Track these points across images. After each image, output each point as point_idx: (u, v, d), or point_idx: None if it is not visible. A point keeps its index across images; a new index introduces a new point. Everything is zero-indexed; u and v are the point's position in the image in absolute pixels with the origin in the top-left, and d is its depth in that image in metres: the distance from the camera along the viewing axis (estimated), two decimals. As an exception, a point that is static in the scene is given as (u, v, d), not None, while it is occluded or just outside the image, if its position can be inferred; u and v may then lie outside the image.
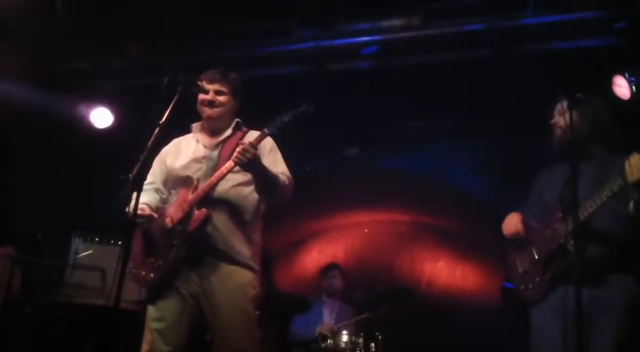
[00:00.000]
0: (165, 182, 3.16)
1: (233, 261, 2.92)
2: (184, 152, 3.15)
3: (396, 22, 4.62)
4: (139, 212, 2.74)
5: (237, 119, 3.18)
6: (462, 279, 7.03)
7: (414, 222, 7.23)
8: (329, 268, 5.83)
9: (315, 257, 7.52)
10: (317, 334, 4.81)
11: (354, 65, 4.85)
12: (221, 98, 3.08)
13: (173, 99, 2.69)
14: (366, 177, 6.27)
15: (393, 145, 5.74)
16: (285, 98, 3.31)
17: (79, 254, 4.82)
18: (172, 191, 3.12)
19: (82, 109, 5.40)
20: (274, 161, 3.07)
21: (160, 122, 2.55)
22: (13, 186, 5.20)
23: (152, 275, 2.91)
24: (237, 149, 2.76)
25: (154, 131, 2.52)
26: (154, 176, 3.15)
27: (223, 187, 2.95)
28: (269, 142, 3.05)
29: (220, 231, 2.92)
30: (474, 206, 5.89)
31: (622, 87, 4.01)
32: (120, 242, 4.82)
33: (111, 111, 5.39)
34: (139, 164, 2.43)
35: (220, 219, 2.92)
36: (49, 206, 5.21)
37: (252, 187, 3.02)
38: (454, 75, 4.59)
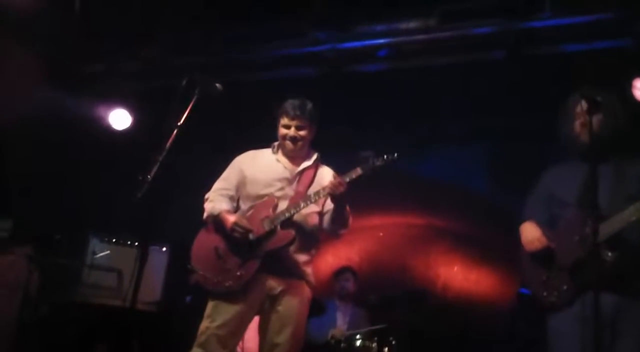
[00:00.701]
0: (237, 190, 3.34)
1: (300, 276, 3.19)
2: (265, 168, 3.32)
3: (412, 24, 4.61)
4: (242, 224, 3.06)
5: (316, 154, 3.38)
6: (476, 283, 6.97)
7: (428, 226, 7.18)
8: (342, 271, 5.82)
9: (329, 260, 7.49)
10: (329, 338, 4.79)
11: (370, 67, 4.85)
12: (302, 133, 3.28)
13: (191, 100, 2.70)
14: (381, 180, 6.25)
15: (408, 148, 5.71)
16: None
17: (96, 254, 4.87)
18: (247, 202, 3.28)
19: (101, 110, 5.46)
20: None
21: (179, 123, 2.57)
22: (31, 186, 5.25)
23: (230, 282, 3.06)
24: (333, 181, 3.00)
25: (172, 132, 2.54)
26: (229, 182, 3.35)
27: (303, 212, 3.17)
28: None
29: (295, 250, 3.16)
30: (489, 210, 5.84)
31: (641, 90, 3.99)
32: (136, 244, 4.86)
33: (130, 113, 5.44)
34: (157, 165, 2.44)
35: (298, 241, 3.14)
36: (67, 207, 5.25)
37: (319, 217, 3.27)
38: (470, 77, 4.57)
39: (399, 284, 6.53)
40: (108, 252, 4.89)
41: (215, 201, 3.29)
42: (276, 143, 3.39)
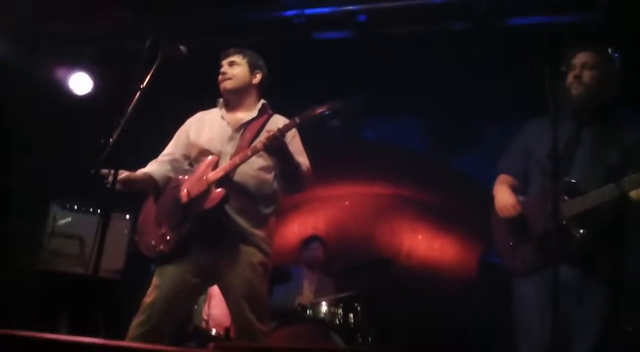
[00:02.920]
0: (186, 155, 3.17)
1: (246, 241, 2.94)
2: (209, 127, 3.14)
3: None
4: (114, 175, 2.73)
5: (264, 101, 3.17)
6: (440, 251, 7.08)
7: (394, 195, 7.24)
8: (311, 240, 5.84)
9: (296, 228, 7.52)
10: (296, 304, 4.82)
11: (339, 34, 4.79)
12: (234, 70, 3.09)
13: (154, 63, 2.62)
14: (348, 149, 6.24)
15: (376, 117, 5.71)
16: (270, 65, 3.28)
17: (57, 221, 4.76)
18: (195, 165, 3.11)
19: (61, 73, 5.29)
20: (296, 149, 3.07)
21: (142, 86, 2.50)
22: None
23: (161, 246, 2.92)
24: (266, 135, 2.76)
25: (135, 95, 2.47)
26: (174, 147, 3.19)
27: (244, 169, 2.95)
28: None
29: (237, 211, 2.92)
30: (456, 179, 5.91)
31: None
32: (99, 211, 4.78)
33: (91, 76, 5.28)
34: (119, 128, 2.38)
35: (238, 201, 2.92)
36: (26, 172, 5.11)
37: (272, 174, 3.06)
38: (438, 47, 4.55)
39: (364, 253, 6.60)
40: (69, 219, 4.79)
41: (148, 166, 3.13)
42: (221, 98, 3.21)
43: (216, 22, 4.68)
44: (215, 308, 4.68)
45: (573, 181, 2.71)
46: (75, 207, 4.84)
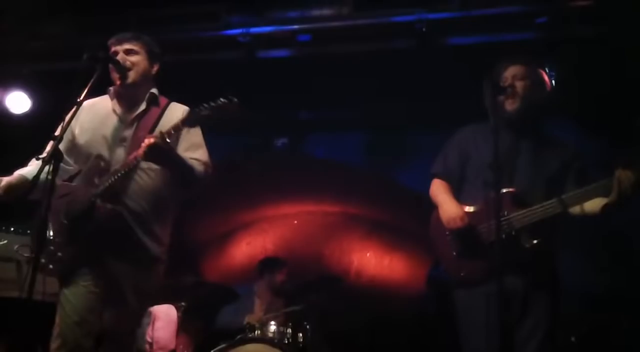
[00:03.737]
0: (71, 153, 2.82)
1: (137, 261, 2.70)
2: (97, 120, 2.81)
3: (326, 11, 4.62)
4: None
5: (152, 90, 2.86)
6: (389, 268, 7.13)
7: (343, 213, 7.27)
8: (278, 264, 5.66)
9: (244, 248, 7.45)
10: (245, 323, 4.76)
11: (283, 53, 4.81)
12: (133, 58, 2.79)
13: (92, 77, 2.55)
14: (296, 167, 6.25)
15: (322, 135, 5.74)
16: (212, 85, 3.25)
17: (-8, 244, 4.58)
18: (84, 167, 2.78)
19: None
20: (193, 143, 2.81)
21: (78, 100, 2.43)
22: None
23: (51, 266, 2.67)
24: (145, 143, 2.47)
25: (71, 110, 2.40)
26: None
27: (133, 176, 2.69)
28: None
29: (126, 226, 2.67)
30: (403, 196, 5.96)
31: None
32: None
33: (29, 96, 5.14)
34: (55, 142, 2.29)
35: (127, 213, 2.67)
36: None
37: (165, 178, 2.77)
38: (384, 64, 4.63)
39: (314, 272, 6.57)
40: (5, 241, 4.61)
41: (28, 165, 2.80)
42: (113, 87, 2.84)
43: (159, 39, 4.62)
44: (160, 331, 4.57)
45: (515, 189, 2.77)
46: (12, 229, 4.66)
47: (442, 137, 3.17)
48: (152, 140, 2.47)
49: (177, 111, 2.78)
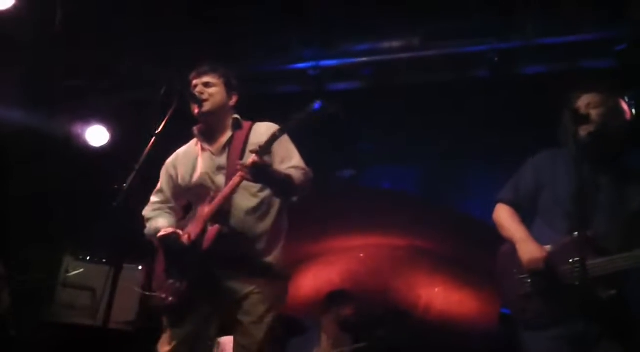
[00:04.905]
0: (176, 198, 2.99)
1: (256, 273, 2.74)
2: (192, 164, 2.93)
3: (395, 43, 4.61)
4: (164, 233, 2.73)
5: (235, 115, 2.95)
6: (459, 304, 6.93)
7: (410, 247, 7.15)
8: (345, 297, 5.51)
9: (310, 280, 7.42)
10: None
11: (353, 85, 4.83)
12: (210, 90, 2.88)
13: (169, 110, 2.62)
14: (362, 199, 6.21)
15: (390, 166, 5.70)
16: (283, 117, 3.27)
17: (69, 272, 4.74)
18: (194, 205, 2.93)
19: (77, 127, 5.37)
20: (288, 155, 2.86)
21: (157, 131, 2.49)
22: (7, 202, 5.13)
23: (170, 298, 2.71)
24: (241, 167, 2.57)
25: (150, 141, 2.47)
26: (163, 193, 2.99)
27: (240, 197, 2.76)
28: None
29: (240, 244, 2.73)
30: (473, 230, 5.80)
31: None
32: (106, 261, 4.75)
33: (107, 129, 5.36)
34: (133, 173, 2.36)
35: (239, 231, 2.73)
36: (42, 223, 5.13)
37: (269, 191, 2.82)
38: (455, 95, 4.57)
39: (381, 306, 6.46)
40: (82, 270, 4.76)
41: (153, 219, 2.93)
42: (196, 126, 2.95)
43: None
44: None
45: (596, 233, 2.61)
46: (89, 258, 4.82)
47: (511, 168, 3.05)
48: (247, 164, 2.54)
49: (262, 129, 2.86)
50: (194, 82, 2.91)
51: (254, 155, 2.56)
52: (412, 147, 5.27)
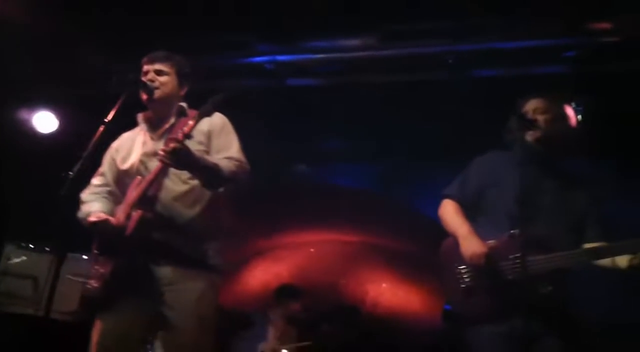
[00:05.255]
0: (117, 182, 2.87)
1: (186, 263, 2.65)
2: (131, 148, 2.86)
3: (353, 41, 4.63)
4: (94, 218, 2.62)
5: (180, 103, 2.87)
6: (405, 300, 7.04)
7: (361, 243, 7.22)
8: (294, 292, 5.53)
9: (259, 275, 7.41)
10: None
11: (311, 82, 4.83)
12: (162, 78, 2.83)
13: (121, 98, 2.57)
14: (316, 195, 6.23)
15: (345, 163, 5.72)
16: (239, 111, 3.24)
17: (11, 260, 4.59)
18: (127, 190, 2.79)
19: (25, 112, 5.22)
20: (226, 145, 2.79)
21: (106, 120, 2.44)
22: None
23: (96, 285, 2.62)
24: (161, 149, 2.50)
25: (98, 131, 2.41)
26: (105, 177, 2.90)
27: (170, 183, 2.69)
28: (219, 122, 2.80)
29: (168, 230, 2.65)
30: (424, 228, 5.88)
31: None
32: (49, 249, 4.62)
33: (56, 115, 5.22)
34: (80, 161, 2.30)
35: (165, 217, 2.65)
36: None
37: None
38: (412, 95, 4.61)
39: (329, 301, 6.50)
40: (24, 258, 4.62)
41: (87, 203, 2.83)
42: (141, 112, 2.90)
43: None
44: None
45: (538, 232, 2.68)
46: (31, 246, 4.68)
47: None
48: (170, 145, 2.47)
49: (206, 118, 2.73)
50: (146, 67, 2.86)
51: (172, 140, 2.49)
52: (368, 145, 5.29)
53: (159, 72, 2.83)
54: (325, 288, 6.94)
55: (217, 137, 2.79)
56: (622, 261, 2.61)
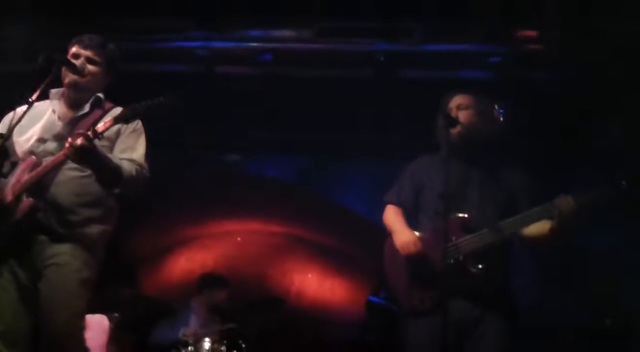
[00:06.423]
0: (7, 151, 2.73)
1: (66, 239, 2.62)
2: (36, 122, 2.76)
3: (287, 33, 4.64)
4: None
5: (98, 94, 2.81)
6: (330, 292, 7.13)
7: (288, 234, 7.25)
8: (219, 281, 5.50)
9: (183, 264, 7.32)
10: (180, 336, 4.66)
11: (243, 70, 4.81)
12: (92, 68, 2.77)
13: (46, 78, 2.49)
14: (244, 185, 6.21)
15: (275, 155, 5.73)
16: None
17: None
18: (18, 165, 2.72)
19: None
20: (131, 146, 2.75)
21: (31, 99, 2.36)
22: None
23: None
24: (68, 142, 2.42)
25: (23, 109, 2.34)
26: None
27: (67, 171, 2.64)
28: (132, 122, 2.70)
29: (53, 217, 2.61)
30: (351, 221, 5.98)
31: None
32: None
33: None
34: (1, 141, 2.22)
35: (55, 207, 2.61)
36: None
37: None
38: (340, 91, 4.67)
39: (254, 291, 6.52)
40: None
41: None
42: (55, 89, 2.80)
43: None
44: (89, 341, 4.40)
45: (466, 215, 2.84)
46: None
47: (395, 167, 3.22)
48: (78, 141, 2.40)
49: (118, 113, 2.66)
50: (75, 49, 2.78)
51: (81, 137, 2.43)
52: (299, 137, 5.32)
53: (90, 61, 2.77)
54: (251, 278, 6.94)
55: (126, 137, 2.75)
56: (544, 229, 2.77)
